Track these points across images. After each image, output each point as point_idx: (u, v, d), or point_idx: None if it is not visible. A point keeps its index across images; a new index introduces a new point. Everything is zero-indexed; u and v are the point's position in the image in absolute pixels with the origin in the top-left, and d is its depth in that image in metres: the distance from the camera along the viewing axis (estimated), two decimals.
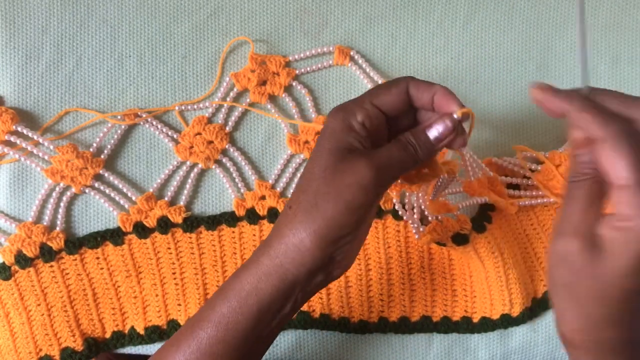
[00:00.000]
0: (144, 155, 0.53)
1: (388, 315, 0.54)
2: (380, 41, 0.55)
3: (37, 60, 0.51)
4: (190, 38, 0.53)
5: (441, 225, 0.50)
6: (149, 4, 0.52)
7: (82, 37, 0.52)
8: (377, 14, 0.54)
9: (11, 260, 0.50)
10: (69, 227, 0.52)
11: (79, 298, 0.52)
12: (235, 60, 0.53)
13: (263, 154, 0.54)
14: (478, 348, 0.56)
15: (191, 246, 0.53)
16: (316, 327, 0.53)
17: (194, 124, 0.52)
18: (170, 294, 0.53)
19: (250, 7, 0.53)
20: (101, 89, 0.52)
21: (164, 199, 0.52)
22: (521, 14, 0.56)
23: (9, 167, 0.51)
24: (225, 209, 0.53)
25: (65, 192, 0.51)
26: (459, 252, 0.53)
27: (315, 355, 0.54)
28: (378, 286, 0.54)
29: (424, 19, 0.55)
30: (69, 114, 0.52)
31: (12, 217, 0.51)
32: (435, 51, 0.55)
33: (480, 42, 0.56)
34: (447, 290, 0.55)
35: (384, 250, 0.54)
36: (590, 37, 0.57)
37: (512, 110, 0.56)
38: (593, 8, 0.57)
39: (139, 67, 0.52)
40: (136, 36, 0.52)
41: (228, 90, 0.53)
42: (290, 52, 0.54)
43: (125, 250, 0.52)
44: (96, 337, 0.52)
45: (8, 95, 0.51)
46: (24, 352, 0.51)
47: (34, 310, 0.51)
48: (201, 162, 0.52)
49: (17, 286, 0.51)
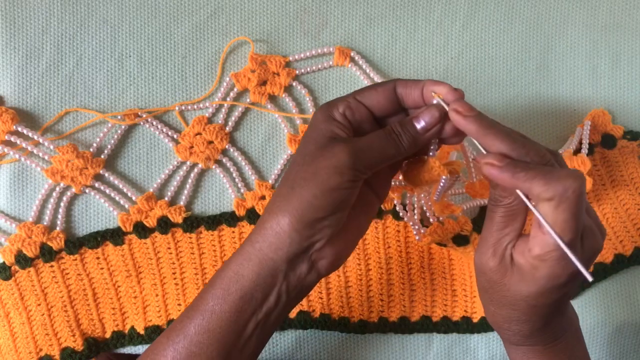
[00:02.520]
0: (144, 155, 0.53)
1: (388, 315, 0.54)
2: (380, 41, 0.55)
3: (37, 60, 0.51)
4: (190, 38, 0.53)
5: (442, 227, 0.50)
6: (149, 4, 0.52)
7: (82, 37, 0.52)
8: (377, 14, 0.54)
9: (11, 260, 0.50)
10: (69, 227, 0.52)
11: (79, 298, 0.52)
12: (236, 60, 0.53)
13: (263, 154, 0.54)
14: (478, 348, 0.56)
15: (191, 246, 0.53)
16: (316, 327, 0.53)
17: (194, 124, 0.52)
18: (170, 294, 0.53)
19: (250, 7, 0.53)
20: (101, 89, 0.52)
21: (164, 199, 0.52)
22: (521, 14, 0.56)
23: (9, 167, 0.51)
24: (225, 209, 0.53)
25: (65, 192, 0.51)
26: (459, 253, 0.53)
27: (315, 355, 0.54)
28: (378, 286, 0.54)
29: (424, 19, 0.55)
30: (69, 114, 0.52)
31: (12, 217, 0.51)
32: (435, 51, 0.55)
33: (480, 42, 0.56)
34: (447, 290, 0.55)
35: (384, 250, 0.54)
36: (590, 37, 0.57)
37: (512, 110, 0.56)
38: (593, 8, 0.57)
39: (139, 67, 0.52)
40: (136, 36, 0.52)
41: (228, 90, 0.53)
42: (290, 52, 0.54)
43: (125, 250, 0.52)
44: (96, 337, 0.52)
45: (8, 95, 0.51)
46: (24, 352, 0.51)
47: (34, 310, 0.51)
48: (201, 162, 0.52)
49: (17, 286, 0.51)
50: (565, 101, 0.57)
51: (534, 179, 0.34)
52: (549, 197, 0.34)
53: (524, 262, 0.37)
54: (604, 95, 0.57)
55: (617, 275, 0.57)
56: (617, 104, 0.58)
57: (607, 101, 0.57)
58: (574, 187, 0.34)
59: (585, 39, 0.57)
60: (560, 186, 0.34)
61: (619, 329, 0.58)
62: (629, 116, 0.58)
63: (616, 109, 0.57)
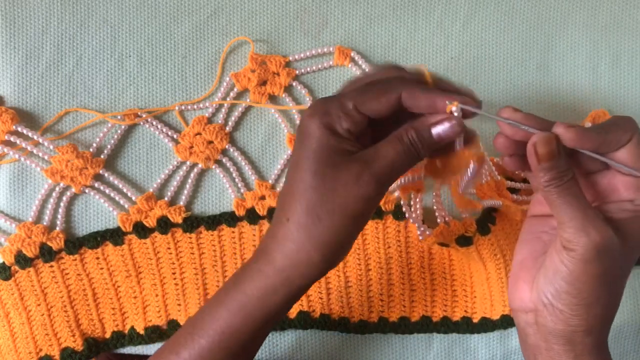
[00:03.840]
0: (144, 155, 0.53)
1: (388, 315, 0.54)
2: (380, 41, 0.55)
3: (37, 60, 0.51)
4: (190, 38, 0.53)
5: (447, 229, 0.50)
6: (149, 4, 0.52)
7: (82, 37, 0.52)
8: (377, 14, 0.54)
9: (11, 260, 0.50)
10: (68, 227, 0.52)
11: (79, 298, 0.52)
12: (235, 60, 0.53)
13: (263, 154, 0.54)
14: (478, 348, 0.56)
15: (191, 246, 0.53)
16: (316, 327, 0.53)
17: (194, 124, 0.52)
18: (170, 294, 0.52)
19: (250, 7, 0.53)
20: (101, 89, 0.52)
21: (164, 199, 0.52)
22: (521, 14, 0.56)
23: (9, 167, 0.51)
24: (225, 209, 0.53)
25: (65, 192, 0.51)
26: (460, 253, 0.53)
27: (315, 355, 0.54)
28: (378, 286, 0.54)
29: (424, 19, 0.55)
30: (69, 114, 0.52)
31: (12, 217, 0.51)
32: (435, 51, 0.55)
33: (480, 42, 0.56)
34: (447, 290, 0.55)
35: (384, 250, 0.54)
36: (590, 37, 0.57)
37: None
38: (593, 8, 0.57)
39: (139, 67, 0.52)
40: (136, 36, 0.52)
41: (228, 90, 0.53)
42: (290, 52, 0.54)
43: (125, 250, 0.52)
44: (96, 337, 0.52)
45: (8, 95, 0.51)
46: (24, 352, 0.51)
47: (34, 310, 0.51)
48: (201, 162, 0.52)
49: (17, 286, 0.51)
50: (565, 101, 0.57)
51: (607, 132, 0.36)
52: (627, 139, 0.36)
53: (622, 215, 0.37)
54: (604, 95, 0.57)
55: None
56: (617, 104, 0.57)
57: (607, 101, 0.57)
58: (635, 131, 0.37)
59: (585, 39, 0.57)
60: (631, 129, 0.37)
61: (619, 329, 0.58)
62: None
63: (616, 109, 0.57)
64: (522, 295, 0.40)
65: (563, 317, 0.37)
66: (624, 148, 0.37)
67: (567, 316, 0.37)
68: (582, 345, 0.37)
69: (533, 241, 0.41)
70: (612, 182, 0.38)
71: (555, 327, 0.38)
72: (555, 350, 0.38)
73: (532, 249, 0.41)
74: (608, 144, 0.36)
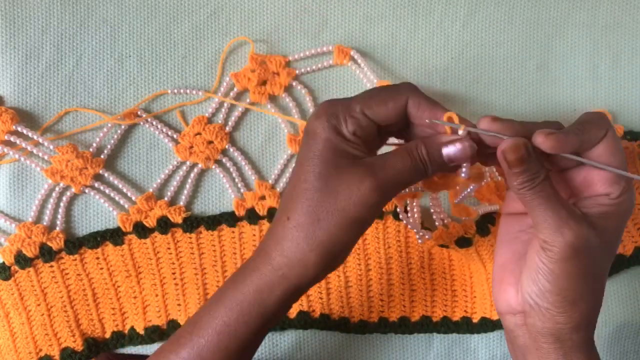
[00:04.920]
0: (144, 155, 0.53)
1: (388, 315, 0.54)
2: (380, 41, 0.55)
3: (37, 60, 0.51)
4: (190, 38, 0.53)
5: (446, 232, 0.50)
6: (149, 4, 0.52)
7: (82, 37, 0.52)
8: (377, 14, 0.54)
9: (11, 260, 0.50)
10: (68, 227, 0.52)
11: (79, 298, 0.52)
12: (235, 60, 0.53)
13: (263, 154, 0.54)
14: (478, 348, 0.56)
15: (191, 246, 0.53)
16: (316, 327, 0.53)
17: (194, 124, 0.52)
18: (170, 294, 0.52)
19: (250, 7, 0.53)
20: (101, 89, 0.52)
21: (164, 199, 0.52)
22: (521, 14, 0.56)
23: (9, 167, 0.51)
24: (225, 209, 0.53)
25: (65, 192, 0.51)
26: (460, 254, 0.53)
27: (315, 355, 0.54)
28: (378, 286, 0.54)
29: (424, 19, 0.55)
30: (69, 114, 0.52)
31: (12, 217, 0.51)
32: (435, 51, 0.55)
33: (480, 42, 0.56)
34: (447, 290, 0.55)
35: (384, 250, 0.54)
36: (590, 37, 0.57)
37: (512, 110, 0.56)
38: (593, 8, 0.57)
39: (139, 67, 0.52)
40: (136, 36, 0.52)
41: (228, 90, 0.53)
42: (290, 52, 0.54)
43: (125, 250, 0.52)
44: (96, 337, 0.52)
45: (8, 95, 0.51)
46: (24, 352, 0.51)
47: (34, 310, 0.51)
48: (201, 162, 0.52)
49: (17, 286, 0.51)
50: (565, 101, 0.57)
51: (584, 132, 0.37)
52: (602, 135, 0.37)
53: (598, 209, 0.37)
54: (604, 95, 0.57)
55: (617, 275, 0.57)
56: (617, 104, 0.57)
57: (607, 101, 0.57)
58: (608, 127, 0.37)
59: (585, 39, 0.57)
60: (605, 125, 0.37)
61: (619, 329, 0.58)
62: (629, 116, 0.58)
63: (616, 109, 0.57)
64: (508, 298, 0.40)
65: (550, 315, 0.38)
66: (600, 144, 0.37)
67: (553, 314, 0.37)
68: (570, 342, 0.38)
69: (512, 242, 0.42)
70: (587, 178, 0.38)
71: (544, 326, 0.38)
72: (544, 349, 0.38)
73: (514, 250, 0.41)
74: (586, 143, 0.37)
